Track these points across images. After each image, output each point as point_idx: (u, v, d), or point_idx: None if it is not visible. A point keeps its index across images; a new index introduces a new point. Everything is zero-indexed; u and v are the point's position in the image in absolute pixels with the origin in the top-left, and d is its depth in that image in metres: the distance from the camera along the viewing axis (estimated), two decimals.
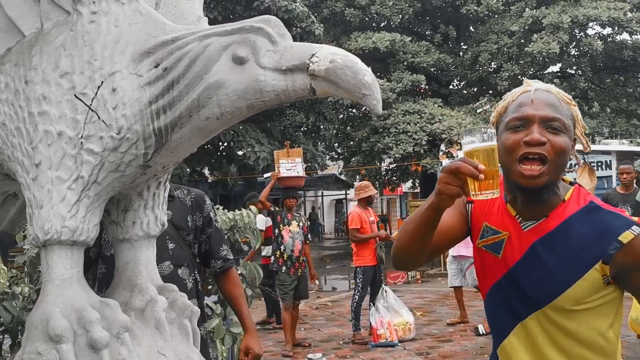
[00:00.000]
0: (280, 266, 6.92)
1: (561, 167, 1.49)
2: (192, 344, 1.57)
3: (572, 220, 1.50)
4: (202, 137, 1.43)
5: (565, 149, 1.47)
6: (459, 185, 1.35)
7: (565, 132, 1.48)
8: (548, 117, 1.46)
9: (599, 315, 1.52)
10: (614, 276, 1.48)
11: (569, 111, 1.52)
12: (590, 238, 1.47)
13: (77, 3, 1.39)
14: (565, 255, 1.49)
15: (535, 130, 1.45)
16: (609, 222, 1.49)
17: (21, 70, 1.41)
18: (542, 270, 1.50)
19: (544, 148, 1.44)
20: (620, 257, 1.45)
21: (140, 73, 1.35)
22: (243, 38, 1.31)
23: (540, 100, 1.49)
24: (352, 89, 1.25)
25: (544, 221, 1.52)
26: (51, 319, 1.34)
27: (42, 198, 1.37)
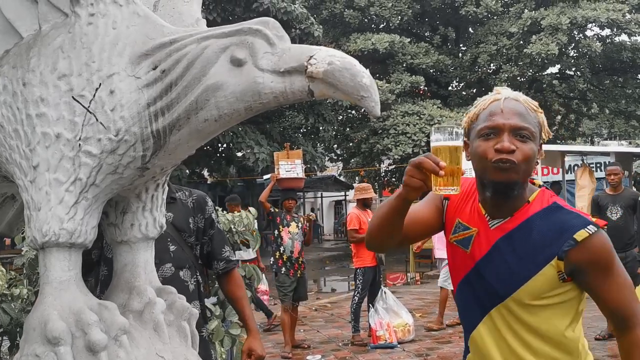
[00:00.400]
0: (279, 267, 6.92)
1: (528, 171, 1.60)
2: (191, 346, 1.57)
3: (533, 219, 1.61)
4: (201, 139, 1.42)
5: (532, 155, 1.58)
6: (422, 178, 1.45)
7: (532, 139, 1.58)
8: (517, 127, 1.56)
9: (558, 313, 1.60)
10: (570, 273, 1.56)
11: (536, 119, 1.62)
12: (549, 235, 1.57)
13: (75, 5, 1.39)
14: (524, 251, 1.59)
15: (505, 138, 1.55)
16: (567, 220, 1.58)
17: (19, 73, 1.41)
18: (504, 265, 1.60)
19: (514, 155, 1.54)
20: (574, 255, 1.54)
21: (138, 75, 1.35)
22: (241, 40, 1.31)
23: (509, 110, 1.58)
24: (350, 91, 1.25)
25: (509, 220, 1.62)
26: (49, 322, 1.33)
27: (40, 200, 1.37)
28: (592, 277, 1.57)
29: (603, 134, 25.42)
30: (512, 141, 1.55)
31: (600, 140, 25.34)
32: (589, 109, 21.76)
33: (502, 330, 1.63)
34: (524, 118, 1.58)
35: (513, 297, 1.59)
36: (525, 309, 1.60)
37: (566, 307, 1.61)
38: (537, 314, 1.60)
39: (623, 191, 6.90)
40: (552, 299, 1.59)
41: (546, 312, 1.59)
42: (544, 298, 1.58)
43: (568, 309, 1.62)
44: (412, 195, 1.51)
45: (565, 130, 22.50)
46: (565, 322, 1.61)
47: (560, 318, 1.60)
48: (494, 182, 1.58)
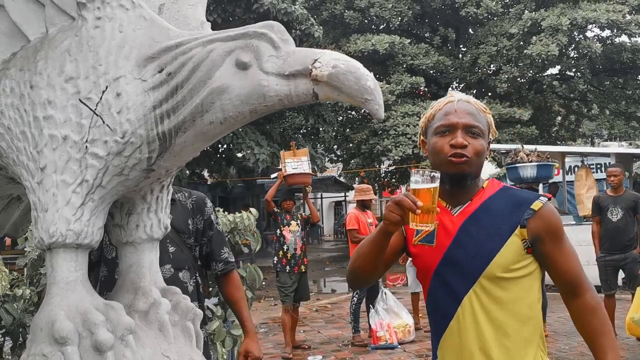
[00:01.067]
0: (284, 266, 6.93)
1: (480, 164, 1.80)
2: (195, 346, 1.58)
3: (491, 199, 1.80)
4: (206, 141, 1.44)
5: (482, 150, 1.78)
6: (400, 214, 1.63)
7: (482, 136, 1.79)
8: (469, 125, 1.77)
9: (525, 287, 1.75)
10: (531, 242, 1.74)
11: (485, 119, 1.83)
12: (508, 210, 1.76)
13: (82, 9, 1.41)
14: (489, 227, 1.75)
15: (459, 135, 1.76)
16: (521, 195, 1.81)
17: (26, 75, 1.42)
18: (472, 245, 1.75)
19: (466, 150, 1.75)
20: (533, 223, 1.73)
21: (145, 78, 1.37)
22: (246, 43, 1.32)
23: (462, 110, 1.80)
24: (354, 94, 1.26)
25: (469, 204, 1.80)
26: (56, 322, 1.35)
27: (47, 201, 1.38)
28: (547, 245, 1.74)
29: (603, 135, 25.44)
30: (465, 138, 1.75)
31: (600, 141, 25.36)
32: (589, 109, 21.77)
33: (477, 314, 1.73)
34: (475, 117, 1.79)
35: (486, 273, 1.72)
36: (498, 284, 1.72)
37: (531, 280, 1.77)
38: (508, 288, 1.73)
39: (624, 192, 6.92)
40: (519, 271, 1.74)
41: (516, 285, 1.74)
42: (512, 270, 1.73)
43: (532, 281, 1.77)
44: (391, 228, 1.69)
45: (566, 131, 22.52)
46: (532, 295, 1.76)
47: (527, 291, 1.76)
48: (450, 174, 1.76)
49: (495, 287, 1.73)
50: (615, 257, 6.75)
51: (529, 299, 1.76)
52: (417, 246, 1.82)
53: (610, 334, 1.76)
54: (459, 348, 1.76)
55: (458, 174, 1.77)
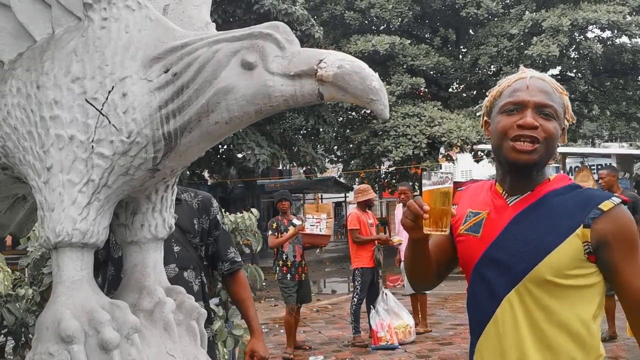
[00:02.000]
0: (285, 274, 6.88)
1: (551, 151, 1.57)
2: (200, 345, 1.59)
3: (555, 193, 1.58)
4: (211, 141, 1.45)
5: (555, 134, 1.56)
6: (412, 219, 1.54)
7: (556, 118, 1.57)
8: (541, 103, 1.55)
9: (583, 298, 1.52)
10: (595, 247, 1.50)
11: (560, 99, 1.60)
12: (573, 207, 1.54)
13: (88, 9, 1.41)
14: (546, 222, 1.54)
15: (528, 114, 1.54)
16: (591, 193, 1.58)
17: (33, 75, 1.43)
18: (522, 240, 1.54)
19: (536, 132, 1.53)
20: (600, 224, 1.50)
21: (150, 78, 1.37)
22: (252, 44, 1.33)
23: (535, 87, 1.57)
24: (359, 95, 1.27)
25: (529, 194, 1.59)
26: (62, 320, 1.36)
27: (54, 201, 1.39)
28: (615, 254, 1.49)
29: (604, 136, 25.43)
30: (536, 118, 1.53)
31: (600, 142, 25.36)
32: (589, 110, 21.77)
33: (518, 320, 1.53)
34: (549, 96, 1.57)
35: (533, 274, 1.51)
36: (546, 290, 1.51)
37: (590, 293, 1.53)
38: (559, 296, 1.51)
39: (621, 193, 6.95)
40: (575, 279, 1.51)
41: (568, 296, 1.51)
42: (567, 276, 1.50)
43: (593, 295, 1.53)
44: (412, 234, 1.60)
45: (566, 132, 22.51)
46: (590, 311, 1.53)
47: (585, 305, 1.52)
48: (511, 161, 1.56)
49: (542, 292, 1.52)
50: None
51: (583, 315, 1.52)
52: (462, 235, 1.67)
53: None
54: (499, 354, 1.57)
55: (521, 163, 1.55)
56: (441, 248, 1.74)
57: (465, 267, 1.69)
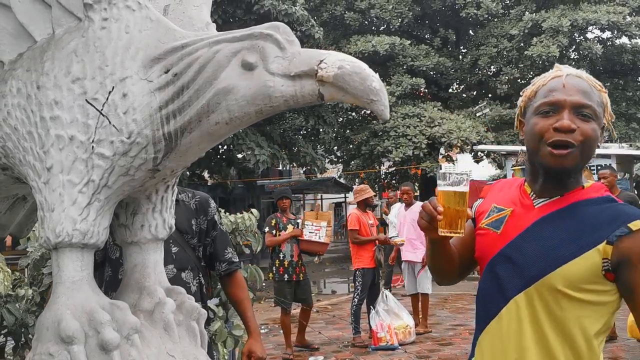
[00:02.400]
0: (282, 275, 6.80)
1: (589, 155, 1.49)
2: (200, 345, 1.59)
3: (586, 203, 1.50)
4: (211, 141, 1.45)
5: (594, 136, 1.46)
6: (427, 220, 1.52)
7: (595, 119, 1.47)
8: (579, 104, 1.46)
9: (591, 314, 1.48)
10: (616, 266, 1.44)
11: (599, 98, 1.51)
12: (600, 220, 1.46)
13: (88, 10, 1.41)
14: (570, 232, 1.47)
15: (565, 116, 1.45)
16: (623, 209, 1.48)
17: (33, 76, 1.43)
18: (541, 245, 1.49)
19: (573, 136, 1.45)
20: (625, 244, 1.42)
21: (151, 79, 1.37)
22: (252, 44, 1.33)
23: (572, 86, 1.48)
24: (360, 95, 1.27)
25: (558, 199, 1.52)
26: (62, 321, 1.36)
27: (54, 201, 1.39)
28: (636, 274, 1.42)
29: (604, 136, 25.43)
30: (573, 120, 1.45)
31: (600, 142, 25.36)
32: None
33: (523, 322, 1.50)
34: (588, 95, 1.47)
35: (544, 281, 1.47)
36: (555, 299, 1.47)
37: (601, 311, 1.48)
38: (566, 308, 1.46)
39: (619, 194, 6.98)
40: (589, 294, 1.46)
41: (579, 309, 1.46)
42: (580, 290, 1.45)
43: (602, 313, 1.48)
44: (428, 234, 1.58)
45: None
46: (595, 327, 1.48)
47: (591, 321, 1.48)
48: (546, 167, 1.50)
49: (551, 300, 1.48)
50: None
51: (588, 330, 1.47)
52: (483, 228, 1.63)
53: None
54: (500, 353, 1.55)
55: (557, 169, 1.48)
56: (464, 244, 1.70)
57: (481, 261, 1.66)
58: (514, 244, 1.54)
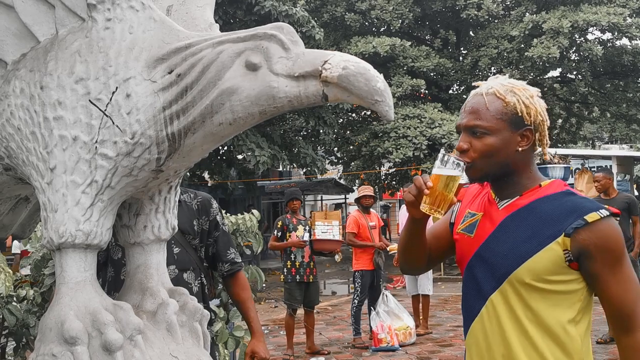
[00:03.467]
0: (294, 276, 6.74)
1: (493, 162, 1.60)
2: (203, 346, 1.58)
3: (544, 199, 1.60)
4: (215, 142, 1.44)
5: (489, 149, 1.59)
6: (414, 194, 1.58)
7: (491, 133, 1.59)
8: (469, 125, 1.61)
9: (561, 304, 1.56)
10: (577, 256, 1.52)
11: (501, 109, 1.59)
12: (558, 214, 1.56)
13: (92, 10, 1.41)
14: (531, 227, 1.57)
15: (460, 138, 1.63)
16: (580, 202, 1.57)
17: (36, 76, 1.43)
18: (508, 242, 1.59)
19: (468, 154, 1.61)
20: (582, 235, 1.51)
21: (154, 79, 1.37)
22: (256, 45, 1.33)
23: (468, 109, 1.63)
24: (364, 96, 1.27)
25: (517, 199, 1.63)
26: (66, 321, 1.35)
27: (57, 202, 1.39)
28: (598, 266, 1.52)
29: (604, 138, 25.43)
30: (468, 140, 1.61)
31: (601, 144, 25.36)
32: (590, 112, 21.77)
33: (502, 318, 1.58)
34: (478, 115, 1.59)
35: (514, 276, 1.56)
36: (527, 292, 1.56)
37: (571, 299, 1.56)
38: (539, 299, 1.55)
39: (617, 195, 7.01)
40: (556, 285, 1.55)
41: (549, 299, 1.55)
42: (547, 282, 1.54)
43: (573, 301, 1.57)
44: (410, 211, 1.63)
45: (567, 134, 22.53)
46: (568, 315, 1.56)
47: (563, 309, 1.56)
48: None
49: (525, 294, 1.56)
50: None
51: (561, 318, 1.55)
52: (459, 234, 1.73)
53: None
54: (485, 350, 1.62)
55: (470, 178, 1.65)
56: (439, 239, 1.81)
57: (460, 265, 1.75)
58: (485, 245, 1.64)
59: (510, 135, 1.59)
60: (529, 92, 1.63)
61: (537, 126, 1.61)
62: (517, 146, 1.60)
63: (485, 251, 1.63)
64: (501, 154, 1.59)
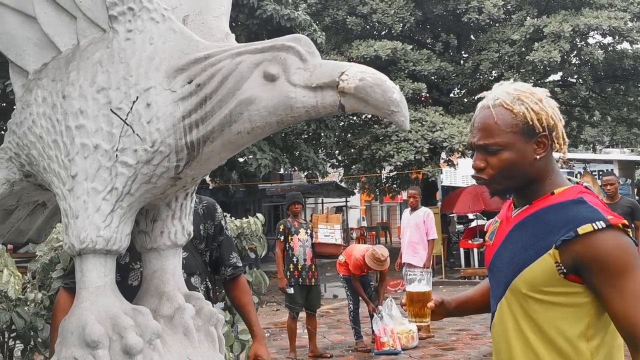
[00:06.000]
0: (297, 279, 6.71)
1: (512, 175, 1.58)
2: (218, 350, 1.61)
3: (550, 208, 1.56)
4: (233, 150, 1.48)
5: (506, 164, 1.56)
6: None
7: (505, 148, 1.55)
8: (482, 145, 1.58)
9: (567, 317, 1.50)
10: (573, 269, 1.47)
11: (511, 121, 1.55)
12: (556, 225, 1.50)
13: (113, 21, 1.45)
14: (529, 238, 1.55)
15: (476, 157, 1.62)
16: (580, 213, 1.49)
17: (59, 85, 1.46)
18: (511, 252, 1.60)
19: (485, 172, 1.59)
20: (573, 248, 1.45)
21: (174, 89, 1.40)
22: (274, 56, 1.36)
23: (478, 125, 1.60)
24: (381, 106, 1.30)
25: (527, 207, 1.61)
26: (87, 325, 1.38)
27: (78, 208, 1.42)
28: (598, 279, 1.45)
29: (605, 142, 25.46)
30: (483, 158, 1.59)
31: (602, 147, 25.38)
32: (591, 116, 21.80)
33: (507, 324, 1.59)
34: (489, 132, 1.57)
35: (513, 285, 1.56)
36: (526, 302, 1.53)
37: (578, 313, 1.49)
38: (539, 311, 1.52)
39: (620, 200, 7.03)
40: (554, 296, 1.50)
41: (551, 311, 1.50)
42: (543, 293, 1.50)
43: (580, 315, 1.49)
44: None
45: (567, 138, 22.53)
46: (576, 330, 1.49)
47: (569, 323, 1.49)
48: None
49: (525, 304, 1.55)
50: None
51: (568, 333, 1.50)
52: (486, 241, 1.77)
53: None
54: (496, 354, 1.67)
55: (492, 193, 1.67)
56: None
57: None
58: (497, 252, 1.66)
59: (525, 146, 1.56)
60: (536, 96, 1.59)
61: (551, 129, 1.58)
62: (535, 154, 1.56)
63: (496, 258, 1.66)
64: (519, 166, 1.56)
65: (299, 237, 6.83)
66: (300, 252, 6.79)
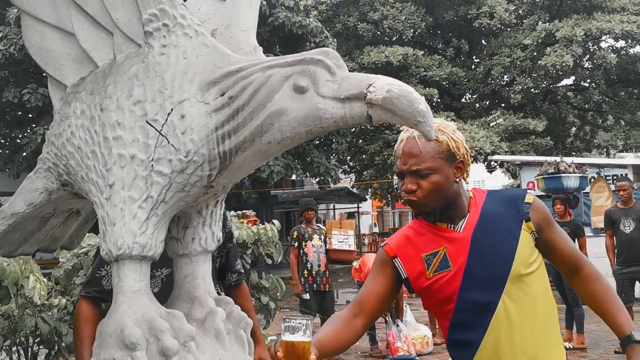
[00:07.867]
0: (311, 285, 6.74)
1: (442, 195, 1.77)
2: (247, 353, 1.66)
3: (486, 205, 1.83)
4: (263, 159, 1.53)
5: (436, 186, 1.76)
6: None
7: (435, 172, 1.75)
8: (412, 170, 1.76)
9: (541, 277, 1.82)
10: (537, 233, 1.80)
11: (437, 148, 1.76)
12: (506, 209, 1.81)
13: (148, 37, 1.51)
14: (499, 230, 1.78)
15: (406, 181, 1.78)
16: (510, 193, 1.89)
17: (96, 99, 1.53)
18: (490, 252, 1.76)
19: (416, 194, 1.77)
20: (533, 215, 1.80)
21: (207, 101, 1.46)
22: (303, 69, 1.42)
23: (406, 154, 1.78)
24: (407, 117, 1.35)
25: (469, 216, 1.82)
26: (126, 328, 1.44)
27: (115, 216, 1.48)
28: (547, 233, 1.80)
29: (618, 146, 25.30)
30: (415, 181, 1.76)
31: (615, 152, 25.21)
32: (604, 120, 21.70)
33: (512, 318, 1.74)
34: (418, 158, 1.75)
35: (512, 275, 1.74)
36: (524, 282, 1.76)
37: (542, 269, 1.82)
38: (530, 283, 1.77)
39: (634, 204, 6.99)
40: (534, 264, 1.79)
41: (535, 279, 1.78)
42: (530, 264, 1.77)
43: (543, 270, 1.83)
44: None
45: (581, 142, 22.46)
46: (546, 282, 1.83)
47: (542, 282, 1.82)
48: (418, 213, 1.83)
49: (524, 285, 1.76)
50: (632, 269, 6.79)
51: (544, 287, 1.82)
52: (432, 278, 1.79)
53: (616, 298, 1.80)
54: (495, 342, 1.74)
55: (418, 213, 1.83)
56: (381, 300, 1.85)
57: (446, 301, 1.80)
58: (470, 267, 1.76)
59: (449, 170, 1.78)
60: (451, 127, 1.82)
61: (463, 157, 1.81)
62: (455, 177, 1.79)
63: (473, 270, 1.75)
64: (445, 188, 1.77)
65: (312, 243, 6.86)
66: (314, 258, 6.80)
